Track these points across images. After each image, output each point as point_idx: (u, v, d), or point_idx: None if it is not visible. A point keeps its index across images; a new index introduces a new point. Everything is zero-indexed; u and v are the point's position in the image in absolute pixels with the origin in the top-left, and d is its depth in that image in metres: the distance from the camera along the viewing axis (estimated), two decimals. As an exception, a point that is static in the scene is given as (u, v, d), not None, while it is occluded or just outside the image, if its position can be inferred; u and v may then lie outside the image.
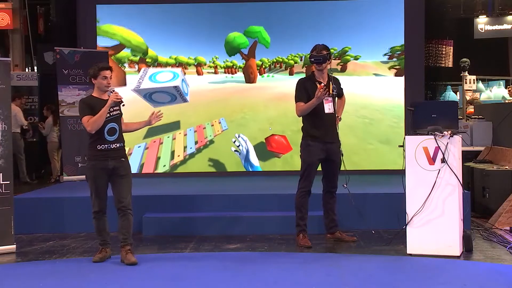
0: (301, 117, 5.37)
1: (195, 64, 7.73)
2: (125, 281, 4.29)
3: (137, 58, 7.33)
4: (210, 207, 6.19)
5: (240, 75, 8.17)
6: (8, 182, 5.24)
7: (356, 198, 5.63)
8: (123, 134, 4.90)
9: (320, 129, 5.26)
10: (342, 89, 5.60)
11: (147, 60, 7.37)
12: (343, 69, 8.45)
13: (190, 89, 7.71)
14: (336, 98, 5.50)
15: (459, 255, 4.83)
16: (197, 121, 7.95)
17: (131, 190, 4.84)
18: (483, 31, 13.90)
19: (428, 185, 4.85)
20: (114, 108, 4.78)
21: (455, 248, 4.82)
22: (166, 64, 7.52)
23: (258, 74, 8.17)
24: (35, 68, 13.17)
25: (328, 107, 5.25)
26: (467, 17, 14.10)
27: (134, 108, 6.97)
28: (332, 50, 8.17)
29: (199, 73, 7.81)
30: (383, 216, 5.87)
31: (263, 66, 8.17)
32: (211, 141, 7.97)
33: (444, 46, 9.23)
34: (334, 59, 8.32)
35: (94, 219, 4.84)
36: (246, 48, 8.10)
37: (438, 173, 4.83)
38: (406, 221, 4.92)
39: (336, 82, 5.50)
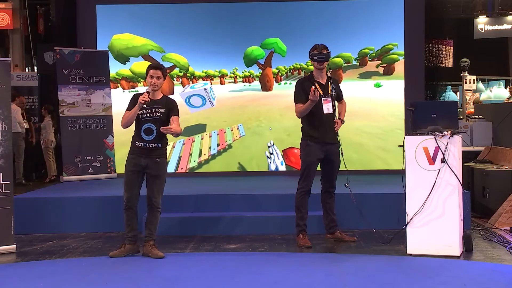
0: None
1: (219, 75, 8.49)
2: (125, 281, 4.29)
3: (181, 74, 8.45)
4: (210, 207, 6.19)
5: (257, 84, 8.53)
6: (8, 182, 5.24)
7: (356, 198, 5.62)
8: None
9: (319, 130, 5.25)
10: (341, 91, 5.60)
11: (187, 74, 8.46)
12: (388, 72, 8.17)
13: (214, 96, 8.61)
14: (336, 101, 5.50)
15: (459, 255, 4.83)
16: (219, 125, 8.54)
17: (161, 190, 4.99)
18: (483, 31, 13.90)
19: (428, 185, 4.85)
20: (156, 109, 4.89)
21: (455, 248, 4.83)
22: (199, 77, 8.53)
23: (274, 82, 8.47)
24: (35, 68, 13.18)
25: (327, 108, 5.24)
26: (467, 17, 14.11)
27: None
28: (366, 50, 8.15)
29: (222, 83, 8.52)
30: (383, 216, 5.87)
31: (280, 74, 8.42)
32: (230, 146, 8.45)
33: (444, 46, 9.23)
34: (371, 61, 8.22)
35: (123, 212, 4.96)
36: (263, 59, 8.47)
37: (438, 173, 4.83)
38: (406, 221, 4.92)
39: (335, 82, 5.50)
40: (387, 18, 8.26)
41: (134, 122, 4.91)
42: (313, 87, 5.08)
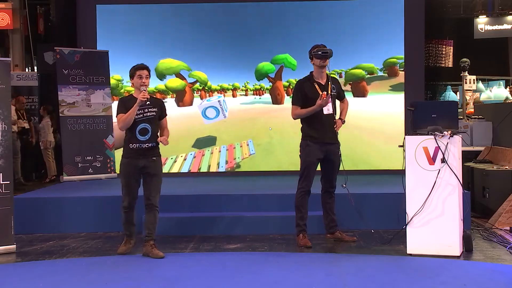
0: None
1: (232, 88, 8.68)
2: (125, 281, 4.29)
3: (200, 87, 8.69)
4: (210, 207, 6.19)
5: (267, 96, 8.60)
6: (8, 182, 5.24)
7: (356, 198, 5.63)
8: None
9: (318, 130, 5.25)
10: (343, 91, 5.60)
11: (205, 88, 8.70)
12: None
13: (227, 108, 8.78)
14: (338, 100, 5.50)
15: (459, 255, 4.83)
16: (229, 139, 8.57)
17: (159, 189, 5.02)
18: (483, 31, 13.91)
19: (428, 185, 4.85)
20: (149, 109, 4.90)
21: (455, 248, 4.83)
22: (215, 90, 8.76)
23: (285, 95, 8.51)
24: (35, 68, 13.18)
25: (326, 108, 5.23)
26: (467, 17, 14.14)
27: (186, 123, 8.50)
28: (394, 60, 8.12)
29: (234, 95, 8.69)
30: (383, 216, 5.87)
31: (291, 87, 8.40)
32: (238, 165, 8.46)
33: (444, 46, 9.22)
34: (402, 71, 8.19)
35: (123, 213, 5.05)
36: (273, 73, 8.55)
37: (438, 173, 4.83)
38: (406, 221, 4.92)
39: (336, 83, 5.49)
40: (386, 18, 8.25)
41: None
42: (325, 92, 5.10)
